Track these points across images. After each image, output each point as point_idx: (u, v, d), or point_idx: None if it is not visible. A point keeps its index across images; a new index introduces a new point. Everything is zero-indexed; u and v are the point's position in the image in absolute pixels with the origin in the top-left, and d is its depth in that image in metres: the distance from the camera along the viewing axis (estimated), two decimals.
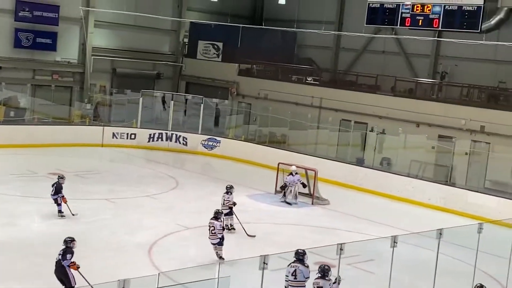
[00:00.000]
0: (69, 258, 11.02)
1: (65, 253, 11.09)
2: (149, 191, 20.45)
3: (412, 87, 27.85)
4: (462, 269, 14.26)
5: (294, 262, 11.08)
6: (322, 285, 10.43)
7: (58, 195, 16.48)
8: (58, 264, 11.09)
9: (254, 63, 32.51)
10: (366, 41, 32.51)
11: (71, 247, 11.23)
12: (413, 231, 16.35)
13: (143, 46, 33.58)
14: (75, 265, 11.02)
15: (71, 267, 10.99)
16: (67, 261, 11.00)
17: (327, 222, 18.88)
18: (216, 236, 14.04)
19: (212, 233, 14.04)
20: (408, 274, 13.88)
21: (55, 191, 16.48)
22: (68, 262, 11.00)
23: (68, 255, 11.05)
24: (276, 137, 28.75)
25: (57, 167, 22.52)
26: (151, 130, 28.58)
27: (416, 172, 23.89)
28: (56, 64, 30.74)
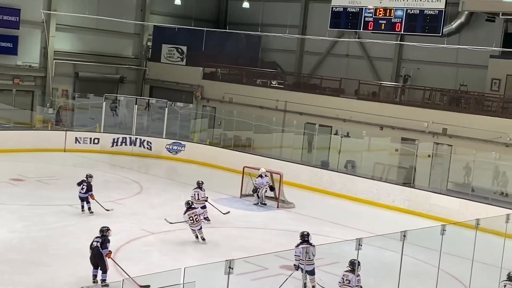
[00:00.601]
0: (108, 247, 12.37)
1: (104, 242, 12.37)
2: (113, 196, 20.20)
3: (375, 90, 28.14)
4: (426, 270, 14.42)
5: (303, 244, 12.99)
6: (350, 279, 11.37)
7: (89, 193, 17.59)
8: (96, 251, 12.31)
9: (219, 67, 32.47)
10: (329, 44, 32.77)
11: (107, 235, 12.56)
12: (377, 233, 16.48)
13: (106, 49, 33.25)
14: (110, 253, 12.38)
15: (107, 255, 12.28)
16: (106, 250, 12.31)
17: (293, 226, 18.89)
18: (199, 222, 15.81)
19: (196, 221, 15.75)
20: (373, 276, 13.96)
21: (86, 189, 17.57)
22: (106, 251, 12.30)
23: (107, 244, 12.39)
24: (241, 141, 28.72)
25: (19, 173, 22.12)
26: (114, 135, 28.26)
27: (380, 174, 24.12)
28: (17, 68, 30.23)
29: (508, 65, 26.27)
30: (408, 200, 22.19)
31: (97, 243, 12.41)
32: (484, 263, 16.20)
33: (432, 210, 21.48)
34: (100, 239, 12.48)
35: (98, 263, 12.33)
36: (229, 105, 30.19)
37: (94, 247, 12.40)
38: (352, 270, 11.39)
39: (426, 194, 22.17)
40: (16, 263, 13.43)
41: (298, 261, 12.67)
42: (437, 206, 21.45)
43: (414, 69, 30.44)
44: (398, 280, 11.41)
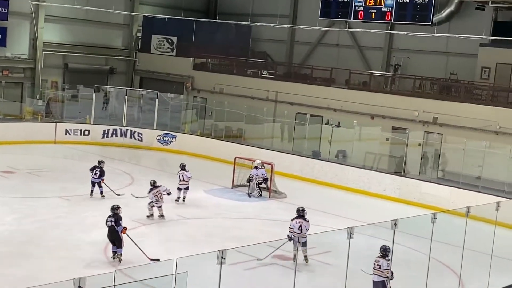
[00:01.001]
0: (121, 224, 13.42)
1: (117, 220, 13.42)
2: (103, 188, 20.12)
3: (366, 80, 28.16)
4: (417, 258, 14.50)
5: (297, 218, 14.15)
6: (381, 264, 11.75)
7: (101, 178, 18.61)
8: (112, 229, 13.41)
9: (209, 57, 32.37)
10: (320, 34, 32.72)
11: (118, 213, 13.58)
12: (369, 222, 16.53)
13: (95, 40, 33.07)
14: (125, 229, 13.42)
15: (123, 231, 13.33)
16: (120, 227, 13.38)
17: (285, 215, 18.87)
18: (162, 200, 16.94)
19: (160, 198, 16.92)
20: (365, 264, 14.02)
21: (99, 175, 18.60)
22: (121, 228, 13.36)
23: (120, 221, 13.45)
24: (232, 132, 28.69)
25: (9, 165, 22.02)
26: (105, 126, 28.17)
27: (371, 164, 24.18)
28: (6, 59, 30.02)
29: (498, 54, 26.33)
30: (399, 189, 22.27)
31: (111, 222, 13.40)
32: (475, 251, 16.30)
33: (423, 199, 21.58)
34: (113, 218, 13.44)
35: (115, 240, 13.38)
36: (220, 96, 30.12)
37: (110, 226, 13.40)
38: (383, 255, 11.83)
39: (416, 182, 22.26)
40: (7, 255, 13.40)
41: (292, 233, 13.89)
42: (427, 195, 21.55)
43: (404, 58, 30.46)
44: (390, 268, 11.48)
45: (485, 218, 14.23)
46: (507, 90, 24.97)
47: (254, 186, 20.72)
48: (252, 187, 20.72)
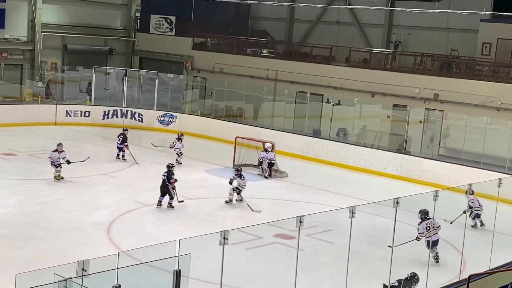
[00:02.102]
0: (173, 178, 16.22)
1: (169, 175, 16.20)
2: (106, 169, 20.19)
3: (366, 57, 28.04)
4: None
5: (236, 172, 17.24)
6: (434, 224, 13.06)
7: (124, 144, 21.00)
8: (164, 182, 16.19)
9: (208, 37, 32.21)
10: (320, 12, 32.53)
11: (172, 170, 16.37)
12: (370, 200, 16.58)
13: (94, 21, 32.89)
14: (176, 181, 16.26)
15: (173, 183, 16.15)
16: (172, 179, 16.19)
17: (286, 194, 18.98)
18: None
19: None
20: (367, 242, 14.08)
21: (122, 140, 21.04)
22: (172, 180, 16.19)
23: (172, 175, 16.23)
24: (233, 111, 28.65)
25: (10, 147, 22.02)
26: (105, 107, 28.12)
27: (372, 141, 24.17)
28: (4, 41, 29.88)
29: (498, 29, 26.19)
30: (400, 167, 22.28)
31: (164, 176, 16.14)
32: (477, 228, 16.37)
33: (424, 176, 21.60)
34: (166, 173, 16.16)
35: (166, 191, 16.09)
36: (219, 75, 30.03)
37: (163, 179, 16.10)
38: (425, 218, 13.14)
39: (418, 160, 22.27)
40: (10, 238, 13.45)
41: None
42: (429, 172, 21.57)
43: (404, 35, 30.30)
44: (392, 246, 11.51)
45: (487, 194, 14.27)
46: (508, 65, 24.88)
47: (266, 168, 20.75)
48: (265, 169, 20.75)
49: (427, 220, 13.35)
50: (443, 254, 13.72)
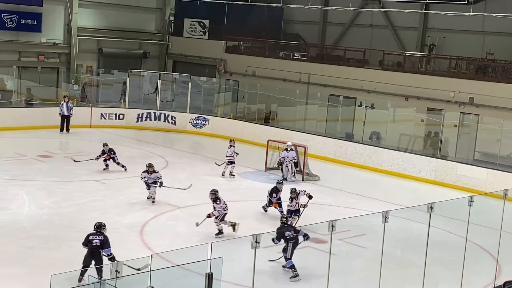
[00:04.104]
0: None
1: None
2: (139, 171, 20.30)
3: (400, 61, 27.81)
4: (454, 241, 14.36)
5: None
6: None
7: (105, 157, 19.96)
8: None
9: (241, 40, 32.30)
10: (353, 15, 32.36)
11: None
12: (404, 204, 16.43)
13: (128, 25, 33.25)
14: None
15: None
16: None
17: (318, 198, 18.87)
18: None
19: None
20: (400, 247, 13.96)
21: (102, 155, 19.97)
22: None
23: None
24: (265, 114, 28.67)
25: (46, 149, 22.40)
26: (139, 110, 28.42)
27: (406, 145, 23.95)
28: (41, 45, 30.39)
29: None
30: (434, 171, 22.03)
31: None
32: None
33: (459, 181, 21.33)
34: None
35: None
36: (252, 79, 30.09)
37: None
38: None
39: (452, 164, 21.99)
40: (46, 238, 13.66)
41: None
42: (464, 177, 21.29)
43: (439, 38, 29.95)
44: (426, 251, 11.38)
45: None
46: None
47: (294, 171, 20.62)
48: (285, 172, 20.62)
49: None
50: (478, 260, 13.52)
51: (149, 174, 16.80)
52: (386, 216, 10.11)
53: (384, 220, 10.12)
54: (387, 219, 10.10)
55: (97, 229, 11.63)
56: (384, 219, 10.08)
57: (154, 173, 16.84)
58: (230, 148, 20.54)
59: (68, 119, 25.77)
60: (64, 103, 25.70)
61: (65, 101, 25.80)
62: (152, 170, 16.88)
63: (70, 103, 25.94)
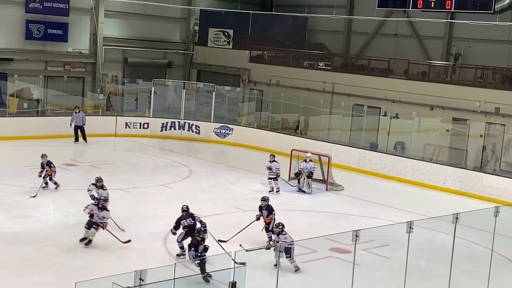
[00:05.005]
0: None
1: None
2: (163, 180, 20.49)
3: (425, 70, 27.62)
4: (479, 252, 14.18)
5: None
6: None
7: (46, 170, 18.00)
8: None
9: (265, 50, 32.38)
10: (378, 24, 32.26)
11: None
12: (428, 215, 16.28)
13: (153, 35, 33.54)
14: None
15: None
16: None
17: (342, 208, 18.83)
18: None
19: None
20: (424, 258, 13.82)
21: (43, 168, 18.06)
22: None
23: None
24: (289, 124, 28.67)
25: (72, 158, 22.64)
26: (163, 119, 28.61)
27: (431, 155, 23.75)
28: (67, 55, 30.79)
29: None
30: (460, 181, 21.81)
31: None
32: None
33: (485, 191, 21.08)
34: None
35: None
36: (276, 88, 30.12)
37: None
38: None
39: (478, 175, 21.75)
40: (70, 246, 13.77)
41: None
42: (489, 187, 21.04)
43: (465, 47, 29.70)
44: (451, 262, 11.27)
45: None
46: None
47: (308, 182, 20.44)
48: (302, 182, 20.46)
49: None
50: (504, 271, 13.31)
51: (96, 188, 15.51)
52: (410, 226, 10.04)
53: (408, 230, 10.05)
54: (412, 229, 10.03)
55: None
56: (408, 229, 10.01)
57: (101, 188, 15.48)
58: (273, 163, 19.86)
59: (82, 129, 25.50)
60: (75, 114, 25.45)
61: (76, 111, 25.55)
62: (101, 185, 15.52)
63: (82, 113, 25.70)
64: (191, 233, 13.07)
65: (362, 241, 10.71)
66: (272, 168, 19.77)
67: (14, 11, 28.94)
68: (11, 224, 14.76)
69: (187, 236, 13.23)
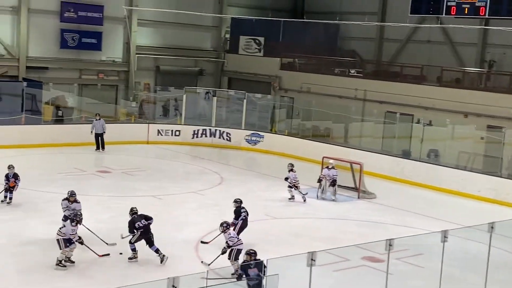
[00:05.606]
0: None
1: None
2: (194, 187, 20.56)
3: (459, 77, 27.31)
4: None
5: None
6: None
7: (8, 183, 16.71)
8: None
9: (296, 57, 32.36)
10: (410, 31, 32.01)
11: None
12: (463, 224, 16.04)
13: (185, 43, 33.79)
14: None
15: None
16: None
17: (374, 216, 18.66)
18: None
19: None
20: (459, 268, 13.60)
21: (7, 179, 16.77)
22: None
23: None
24: (320, 131, 28.55)
25: (105, 165, 22.87)
26: (195, 127, 28.74)
27: (465, 163, 23.42)
28: (101, 63, 31.19)
29: None
30: (495, 190, 21.43)
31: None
32: None
33: None
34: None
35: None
36: (307, 95, 30.05)
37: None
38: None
39: None
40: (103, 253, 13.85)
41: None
42: None
43: (499, 54, 29.28)
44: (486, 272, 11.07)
45: None
46: None
47: (326, 187, 20.24)
48: (324, 189, 20.26)
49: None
50: None
51: (69, 203, 14.57)
52: (445, 235, 9.90)
53: (443, 239, 9.91)
54: (446, 238, 9.87)
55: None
56: (443, 238, 9.87)
57: (75, 202, 14.59)
58: (290, 172, 19.66)
59: (102, 137, 25.23)
60: (96, 121, 25.17)
61: (97, 119, 25.23)
62: (74, 200, 14.60)
63: (102, 120, 25.26)
64: (146, 234, 13.32)
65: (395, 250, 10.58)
66: (290, 178, 19.53)
67: (50, 20, 29.46)
68: (44, 230, 14.92)
69: (142, 238, 13.39)
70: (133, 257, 13.28)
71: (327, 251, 11.96)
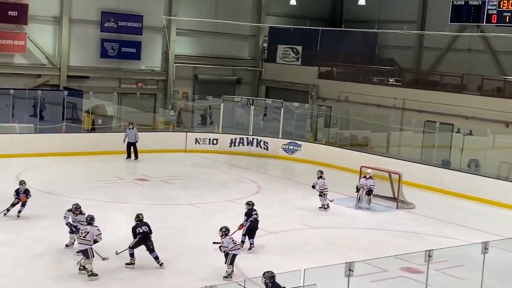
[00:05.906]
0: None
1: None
2: (232, 196, 20.60)
3: (500, 86, 26.87)
4: None
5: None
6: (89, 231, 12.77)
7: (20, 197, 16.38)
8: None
9: (334, 66, 32.26)
10: (450, 39, 31.63)
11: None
12: (504, 235, 15.72)
13: (223, 52, 34.00)
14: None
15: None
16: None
17: (413, 227, 18.42)
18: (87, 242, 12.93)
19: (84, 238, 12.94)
20: (499, 280, 13.32)
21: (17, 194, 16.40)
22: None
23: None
24: (358, 140, 28.35)
25: (143, 173, 23.09)
26: (232, 135, 28.83)
27: (507, 173, 22.95)
28: (140, 72, 31.59)
29: None
30: None
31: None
32: None
33: None
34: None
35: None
36: (345, 104, 29.91)
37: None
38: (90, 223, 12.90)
39: None
40: (141, 260, 13.97)
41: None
42: None
43: None
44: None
45: None
46: None
47: (369, 199, 20.06)
48: (361, 198, 20.08)
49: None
50: None
51: (74, 215, 14.41)
52: (486, 247, 9.72)
53: (484, 251, 9.73)
54: (487, 250, 9.69)
55: None
56: (484, 250, 9.69)
57: (80, 215, 14.32)
58: (319, 179, 19.40)
59: (135, 146, 25.00)
60: (129, 130, 24.91)
61: (130, 128, 24.97)
62: (79, 212, 14.41)
63: (135, 129, 24.97)
64: (145, 240, 13.46)
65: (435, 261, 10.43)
66: (318, 185, 19.33)
67: (90, 30, 29.99)
68: None
69: (140, 244, 13.49)
70: (130, 262, 13.43)
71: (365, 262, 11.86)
